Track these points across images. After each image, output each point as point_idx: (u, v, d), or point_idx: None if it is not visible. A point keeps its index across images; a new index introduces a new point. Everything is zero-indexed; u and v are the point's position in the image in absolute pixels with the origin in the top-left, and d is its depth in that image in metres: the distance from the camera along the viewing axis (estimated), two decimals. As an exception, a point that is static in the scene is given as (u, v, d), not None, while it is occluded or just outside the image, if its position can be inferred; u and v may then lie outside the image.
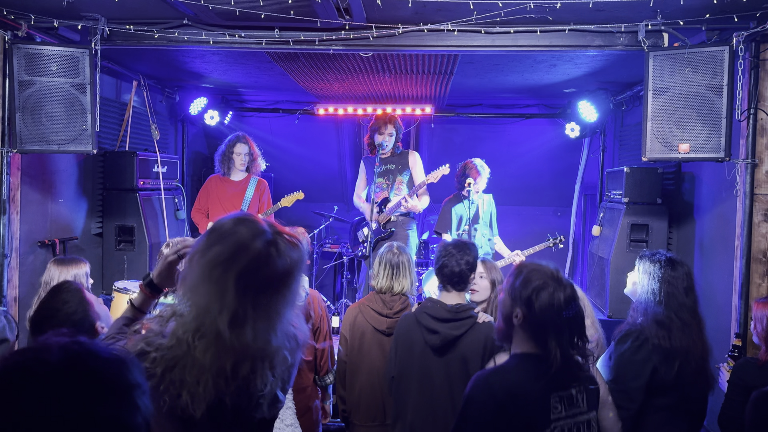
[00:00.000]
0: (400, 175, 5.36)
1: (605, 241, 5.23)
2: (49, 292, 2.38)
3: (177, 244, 1.84)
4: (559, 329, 1.95)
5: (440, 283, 2.99)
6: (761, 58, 3.69)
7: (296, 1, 3.43)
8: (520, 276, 2.02)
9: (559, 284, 1.98)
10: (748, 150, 3.72)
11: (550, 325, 1.94)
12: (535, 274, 2.00)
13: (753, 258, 3.72)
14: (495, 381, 1.94)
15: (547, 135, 7.29)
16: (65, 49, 3.95)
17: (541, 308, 1.94)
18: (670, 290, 2.67)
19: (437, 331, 2.82)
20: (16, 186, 4.12)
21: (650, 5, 3.50)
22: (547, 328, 1.95)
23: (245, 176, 5.54)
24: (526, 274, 2.02)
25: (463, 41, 4.00)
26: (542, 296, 1.95)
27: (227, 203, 5.41)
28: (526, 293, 1.97)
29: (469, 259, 2.91)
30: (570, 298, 1.98)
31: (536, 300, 1.95)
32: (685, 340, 2.58)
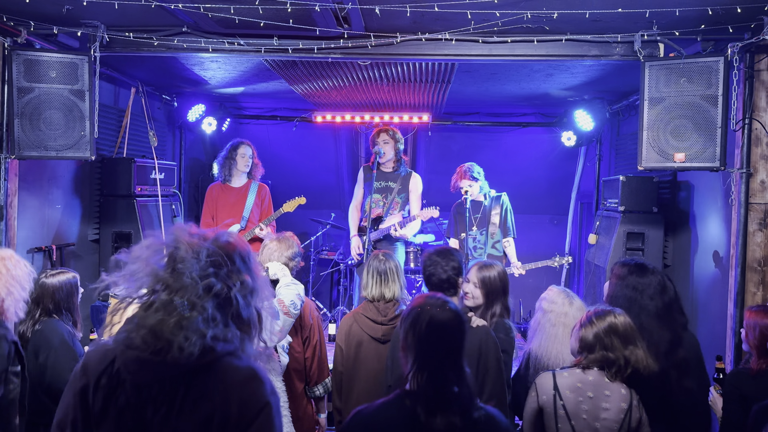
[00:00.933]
0: (398, 196, 5.42)
1: (601, 249, 5.25)
2: None
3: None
4: (423, 354, 1.84)
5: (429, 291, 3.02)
6: (756, 69, 3.73)
7: (295, 10, 3.45)
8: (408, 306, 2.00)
9: (433, 306, 1.91)
10: (743, 159, 3.75)
11: (415, 347, 1.86)
12: (414, 301, 1.97)
13: (748, 267, 3.75)
14: (359, 420, 1.87)
15: (544, 143, 7.33)
16: (64, 55, 3.96)
17: (407, 331, 1.89)
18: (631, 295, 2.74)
19: None
20: (13, 192, 4.12)
21: (646, 16, 3.54)
22: (415, 354, 1.85)
23: (246, 182, 5.54)
24: (411, 303, 1.99)
25: (460, 50, 4.03)
26: (410, 319, 1.90)
27: (229, 209, 5.40)
28: (403, 321, 1.94)
29: (454, 264, 2.97)
30: (440, 321, 1.87)
31: (406, 324, 1.91)
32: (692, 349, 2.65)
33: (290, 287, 3.00)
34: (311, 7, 3.41)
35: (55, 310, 3.16)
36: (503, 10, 3.50)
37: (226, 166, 5.50)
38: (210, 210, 5.52)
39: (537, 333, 2.98)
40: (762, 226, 3.73)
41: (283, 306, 2.85)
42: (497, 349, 2.82)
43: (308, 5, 3.39)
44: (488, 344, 2.80)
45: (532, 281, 7.28)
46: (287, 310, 2.86)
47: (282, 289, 2.99)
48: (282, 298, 2.90)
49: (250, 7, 3.43)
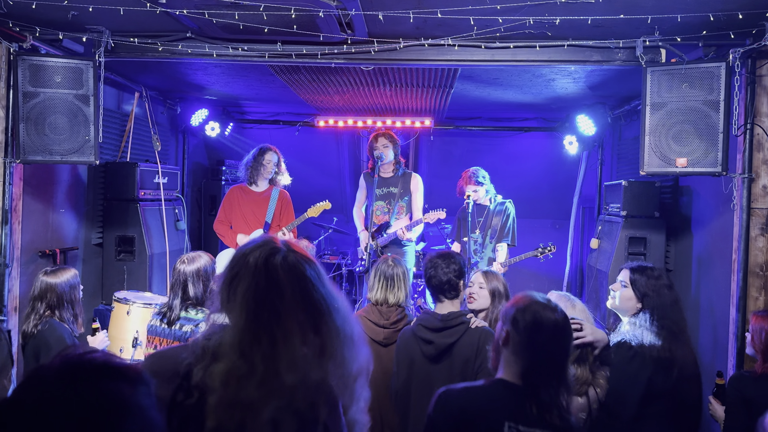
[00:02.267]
0: (401, 200, 5.44)
1: (603, 254, 5.26)
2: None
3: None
4: (538, 355, 1.86)
5: (432, 296, 3.04)
6: (757, 74, 3.74)
7: (299, 16, 3.48)
8: (514, 300, 2.00)
9: (549, 308, 1.92)
10: (745, 165, 3.76)
11: (530, 346, 1.87)
12: (527, 298, 1.97)
13: (750, 271, 3.75)
14: (453, 399, 1.89)
15: (546, 148, 7.34)
16: (69, 60, 3.99)
17: (525, 325, 1.88)
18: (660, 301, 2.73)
19: (432, 341, 2.86)
20: (18, 196, 4.14)
21: (648, 22, 3.55)
22: (526, 350, 1.87)
23: (267, 187, 5.49)
24: (519, 297, 1.99)
25: (463, 56, 4.05)
26: (527, 314, 1.90)
27: (250, 215, 5.36)
28: (512, 312, 1.94)
29: (455, 267, 2.98)
30: (558, 323, 1.90)
31: (521, 318, 1.90)
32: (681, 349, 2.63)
33: None
34: (315, 13, 3.43)
35: (59, 305, 3.25)
36: (506, 16, 3.51)
37: (252, 170, 5.41)
38: (226, 211, 5.44)
39: None
40: (764, 231, 3.74)
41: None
42: None
43: (312, 11, 3.41)
44: (485, 345, 2.81)
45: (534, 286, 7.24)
46: None
47: None
48: None
49: (254, 14, 3.45)
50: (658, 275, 2.83)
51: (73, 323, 3.29)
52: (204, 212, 7.24)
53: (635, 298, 2.81)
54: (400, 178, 5.50)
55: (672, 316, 2.74)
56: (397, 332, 3.29)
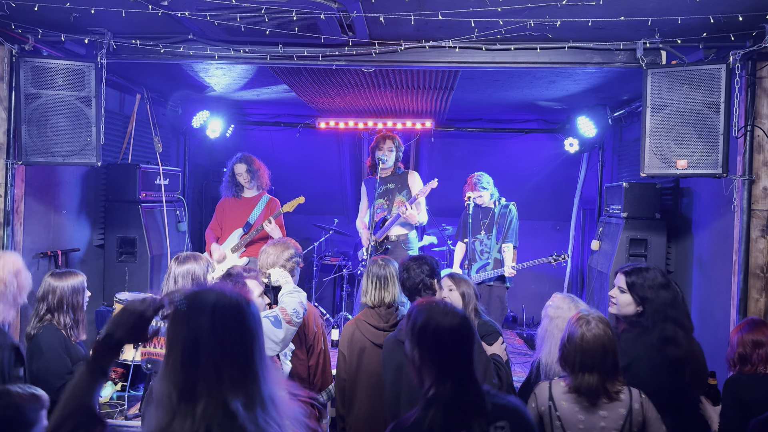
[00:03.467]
0: (399, 194, 5.44)
1: (604, 255, 5.26)
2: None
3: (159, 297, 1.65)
4: (446, 361, 1.87)
5: (409, 298, 3.06)
6: (757, 76, 3.75)
7: (300, 18, 3.48)
8: (409, 317, 2.00)
9: (440, 312, 1.93)
10: (745, 166, 3.77)
11: (434, 357, 1.87)
12: (417, 308, 1.97)
13: (751, 273, 3.75)
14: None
15: (547, 150, 7.34)
16: (71, 62, 4.00)
17: (421, 340, 1.90)
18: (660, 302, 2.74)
19: None
20: (20, 197, 4.14)
21: (648, 24, 3.56)
22: (433, 362, 1.87)
23: (257, 194, 5.58)
24: (413, 314, 1.99)
25: (463, 57, 4.06)
26: (420, 327, 1.91)
27: (236, 219, 5.46)
28: (410, 330, 1.95)
29: (425, 267, 3.06)
30: (452, 326, 1.90)
31: (416, 333, 1.91)
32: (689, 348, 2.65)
33: (293, 295, 2.98)
34: (316, 15, 3.44)
35: (58, 308, 3.18)
36: (506, 18, 3.52)
37: (230, 186, 5.57)
38: (218, 219, 5.59)
39: (545, 341, 2.94)
40: (764, 232, 3.75)
41: (286, 314, 2.82)
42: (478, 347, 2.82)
43: (313, 13, 3.42)
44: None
45: (535, 287, 7.30)
46: (290, 319, 2.82)
47: (284, 296, 2.97)
48: (285, 306, 2.87)
49: (256, 16, 3.46)
50: (653, 276, 2.81)
51: (73, 329, 3.22)
52: (205, 214, 7.25)
53: (634, 302, 2.81)
54: (398, 175, 5.52)
55: (673, 314, 2.74)
56: None
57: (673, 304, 2.76)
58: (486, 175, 5.47)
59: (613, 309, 2.91)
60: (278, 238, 3.46)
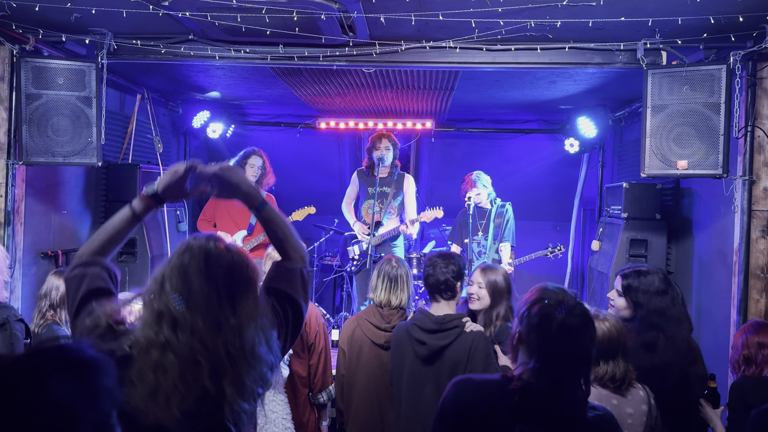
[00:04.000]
0: (394, 200, 5.48)
1: (604, 256, 5.26)
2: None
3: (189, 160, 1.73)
4: (546, 356, 1.71)
5: (429, 295, 3.02)
6: (758, 77, 3.75)
7: (301, 18, 3.49)
8: (528, 294, 1.86)
9: (563, 306, 1.76)
10: (746, 167, 3.77)
11: (538, 347, 1.73)
12: (540, 293, 1.82)
13: (751, 274, 3.75)
14: (466, 392, 1.81)
15: (547, 150, 7.34)
16: (72, 63, 4.00)
17: (530, 323, 1.75)
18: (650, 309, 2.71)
19: (425, 342, 2.86)
20: (20, 197, 4.15)
21: (649, 24, 3.57)
22: (534, 347, 1.73)
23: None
24: (532, 292, 1.85)
25: (464, 58, 4.06)
26: (537, 314, 1.76)
27: (236, 216, 5.44)
28: (524, 310, 1.81)
29: (453, 267, 2.94)
30: (572, 326, 1.73)
31: (528, 313, 1.77)
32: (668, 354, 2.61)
33: None
34: (317, 16, 3.44)
35: (60, 304, 3.28)
36: (507, 19, 3.52)
37: None
38: (210, 211, 5.57)
39: None
40: (765, 233, 3.75)
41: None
42: (487, 357, 2.79)
43: (314, 14, 3.42)
44: (478, 350, 2.78)
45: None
46: None
47: None
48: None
49: (256, 16, 3.46)
50: (650, 281, 2.78)
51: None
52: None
53: (628, 307, 2.80)
54: (394, 178, 5.55)
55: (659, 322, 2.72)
56: None
57: (664, 311, 2.73)
58: (483, 174, 5.50)
59: (612, 311, 2.90)
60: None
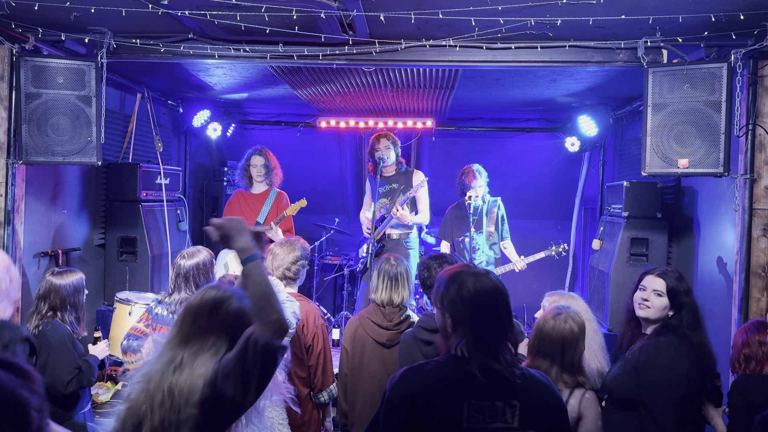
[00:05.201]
0: (402, 195, 5.44)
1: (605, 254, 5.26)
2: None
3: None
4: (474, 323, 1.80)
5: (429, 298, 3.02)
6: (759, 75, 3.74)
7: (301, 17, 3.48)
8: (437, 281, 1.94)
9: (471, 274, 1.85)
10: (747, 165, 3.76)
11: (466, 318, 1.80)
12: (447, 272, 1.91)
13: (752, 272, 3.74)
14: (411, 378, 1.85)
15: (548, 149, 7.34)
16: (72, 62, 3.99)
17: (454, 301, 1.82)
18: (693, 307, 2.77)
19: (431, 341, 2.85)
20: (20, 197, 4.15)
21: (649, 22, 3.55)
22: (465, 324, 1.80)
23: (266, 189, 5.59)
24: (440, 276, 1.94)
25: (464, 56, 4.05)
26: (453, 289, 1.83)
27: (246, 216, 5.46)
28: (441, 293, 1.88)
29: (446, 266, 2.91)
30: (487, 287, 1.83)
31: (448, 295, 1.84)
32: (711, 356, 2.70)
33: (285, 305, 2.94)
34: (317, 14, 3.44)
35: (61, 306, 3.25)
36: (507, 17, 3.52)
37: (244, 177, 5.60)
38: (226, 215, 5.60)
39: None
40: (766, 231, 3.74)
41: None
42: None
43: (314, 12, 3.41)
44: None
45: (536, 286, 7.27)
46: None
47: None
48: None
49: (256, 15, 3.46)
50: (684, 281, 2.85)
51: (75, 326, 3.29)
52: (206, 213, 7.25)
53: (669, 307, 2.81)
54: (402, 174, 5.52)
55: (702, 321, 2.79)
56: (399, 334, 3.28)
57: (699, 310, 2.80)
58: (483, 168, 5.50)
59: (645, 312, 2.83)
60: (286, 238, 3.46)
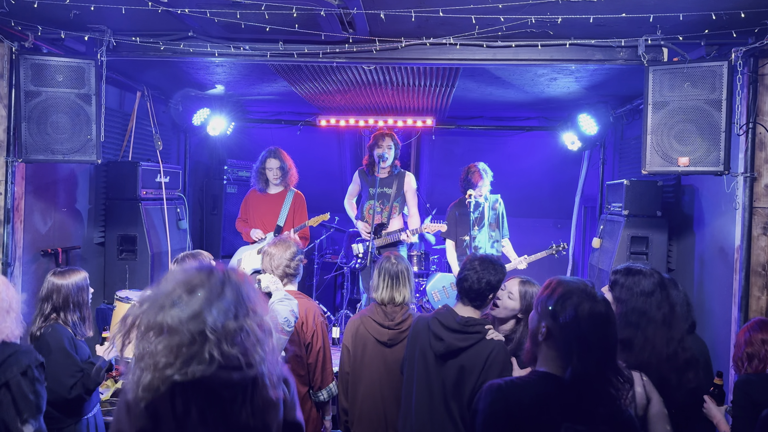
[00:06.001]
0: (396, 201, 5.47)
1: (605, 253, 5.26)
2: None
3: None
4: (584, 347, 1.75)
5: (458, 293, 2.92)
6: (759, 73, 3.74)
7: (301, 15, 3.48)
8: (548, 288, 1.90)
9: (589, 297, 1.83)
10: (747, 164, 3.75)
11: (575, 340, 1.76)
12: (564, 286, 1.86)
13: (752, 271, 3.74)
14: (511, 394, 1.80)
15: (548, 147, 7.33)
16: (71, 60, 3.99)
17: (565, 320, 1.79)
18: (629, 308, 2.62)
19: (443, 338, 2.80)
20: (20, 195, 4.14)
21: (650, 21, 3.55)
22: (571, 345, 1.77)
23: (282, 190, 5.59)
24: (554, 286, 1.89)
25: (464, 55, 4.05)
26: (567, 307, 1.80)
27: (265, 216, 5.49)
28: (551, 305, 1.84)
29: (491, 279, 2.81)
30: (601, 313, 1.80)
31: (561, 311, 1.80)
32: (644, 355, 2.54)
33: (283, 303, 2.93)
34: (317, 12, 3.43)
35: (64, 307, 3.18)
36: (507, 15, 3.51)
37: (260, 179, 5.58)
38: (244, 213, 5.65)
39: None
40: (766, 230, 3.74)
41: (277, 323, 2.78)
42: (504, 368, 2.72)
43: (314, 10, 3.41)
44: (497, 359, 2.70)
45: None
46: (281, 328, 2.77)
47: (276, 304, 2.91)
48: (276, 315, 2.79)
49: (256, 13, 3.46)
50: (636, 281, 2.64)
51: (80, 326, 3.22)
52: (206, 211, 7.24)
53: (614, 302, 2.71)
54: (395, 177, 5.53)
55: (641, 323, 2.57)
56: (401, 333, 3.28)
57: (646, 312, 2.58)
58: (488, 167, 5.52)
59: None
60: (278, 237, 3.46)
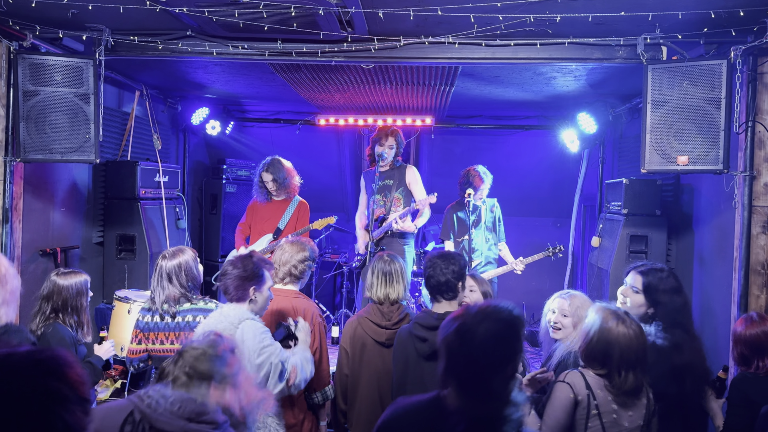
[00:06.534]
0: (397, 191, 5.43)
1: (605, 252, 5.25)
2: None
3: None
4: (461, 371, 1.74)
5: (430, 295, 3.02)
6: (758, 72, 3.73)
7: (299, 14, 3.47)
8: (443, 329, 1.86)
9: (465, 317, 1.77)
10: (746, 162, 3.75)
11: (452, 366, 1.76)
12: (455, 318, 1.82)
13: (752, 269, 3.74)
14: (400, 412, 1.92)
15: (547, 146, 7.32)
16: (69, 59, 3.98)
17: (446, 348, 1.79)
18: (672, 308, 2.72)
19: (426, 338, 2.85)
20: (18, 195, 4.14)
21: (649, 19, 3.55)
22: (450, 371, 1.77)
23: (285, 198, 5.46)
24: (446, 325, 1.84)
25: (463, 53, 4.04)
26: (447, 337, 1.78)
27: (266, 223, 5.42)
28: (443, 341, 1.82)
29: (454, 268, 2.93)
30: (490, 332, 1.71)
31: (443, 340, 1.80)
32: (693, 354, 2.64)
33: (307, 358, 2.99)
34: (315, 11, 3.43)
35: (63, 308, 3.21)
36: (506, 14, 3.51)
37: (261, 192, 5.46)
38: (248, 219, 5.55)
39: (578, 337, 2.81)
40: (765, 229, 3.73)
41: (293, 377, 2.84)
42: None
43: (312, 9, 3.41)
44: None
45: (535, 284, 7.29)
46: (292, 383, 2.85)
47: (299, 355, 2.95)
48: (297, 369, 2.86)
49: (254, 12, 3.45)
50: (668, 280, 2.79)
51: (77, 330, 3.24)
52: (205, 211, 7.24)
53: (646, 305, 2.79)
54: (396, 170, 5.49)
55: (682, 320, 2.73)
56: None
57: (683, 309, 2.75)
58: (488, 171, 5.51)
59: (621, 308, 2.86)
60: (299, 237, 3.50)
